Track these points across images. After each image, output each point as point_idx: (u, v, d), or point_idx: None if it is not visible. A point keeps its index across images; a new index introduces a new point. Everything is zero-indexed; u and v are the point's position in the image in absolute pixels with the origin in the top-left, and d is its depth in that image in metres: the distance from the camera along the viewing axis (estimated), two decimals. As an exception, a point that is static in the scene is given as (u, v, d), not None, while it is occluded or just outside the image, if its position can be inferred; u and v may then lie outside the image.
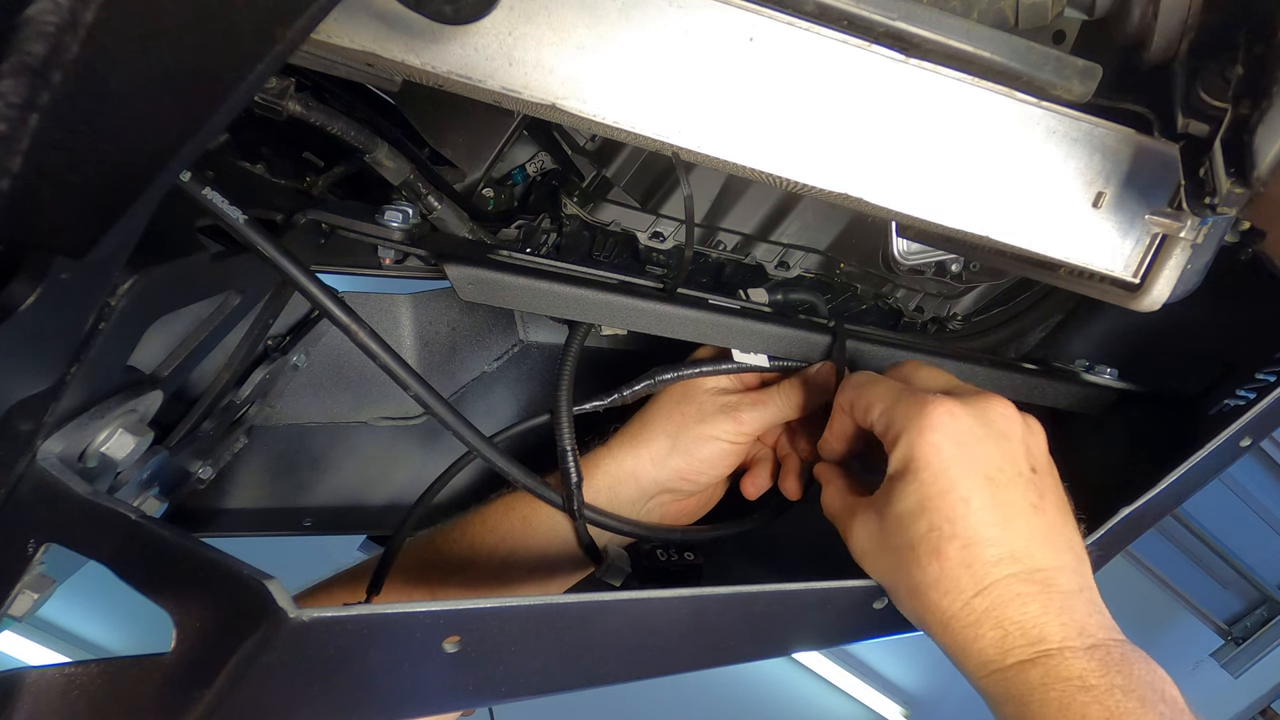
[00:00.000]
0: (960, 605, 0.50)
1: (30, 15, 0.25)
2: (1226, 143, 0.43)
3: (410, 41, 0.44)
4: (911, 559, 0.51)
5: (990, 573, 0.50)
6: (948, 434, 0.52)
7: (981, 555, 0.50)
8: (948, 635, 0.51)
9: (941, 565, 0.50)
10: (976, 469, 0.51)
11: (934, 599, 0.50)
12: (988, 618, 0.49)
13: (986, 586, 0.50)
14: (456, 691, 0.45)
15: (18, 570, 0.41)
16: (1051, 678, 0.47)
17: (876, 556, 0.54)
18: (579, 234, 0.74)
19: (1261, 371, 0.65)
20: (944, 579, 0.50)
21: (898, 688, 3.51)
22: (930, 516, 0.51)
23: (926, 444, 0.52)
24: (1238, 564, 3.03)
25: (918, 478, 0.52)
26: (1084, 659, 0.47)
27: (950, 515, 0.50)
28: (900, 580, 0.53)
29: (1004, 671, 0.49)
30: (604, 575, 0.68)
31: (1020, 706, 0.47)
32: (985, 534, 0.50)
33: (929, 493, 0.51)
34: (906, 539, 0.52)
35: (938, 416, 0.52)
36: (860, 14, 0.46)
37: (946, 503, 0.51)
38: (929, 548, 0.50)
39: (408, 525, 0.65)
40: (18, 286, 0.34)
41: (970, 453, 0.52)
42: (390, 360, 0.54)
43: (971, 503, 0.50)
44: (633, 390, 0.69)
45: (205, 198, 0.48)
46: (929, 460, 0.52)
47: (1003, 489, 0.51)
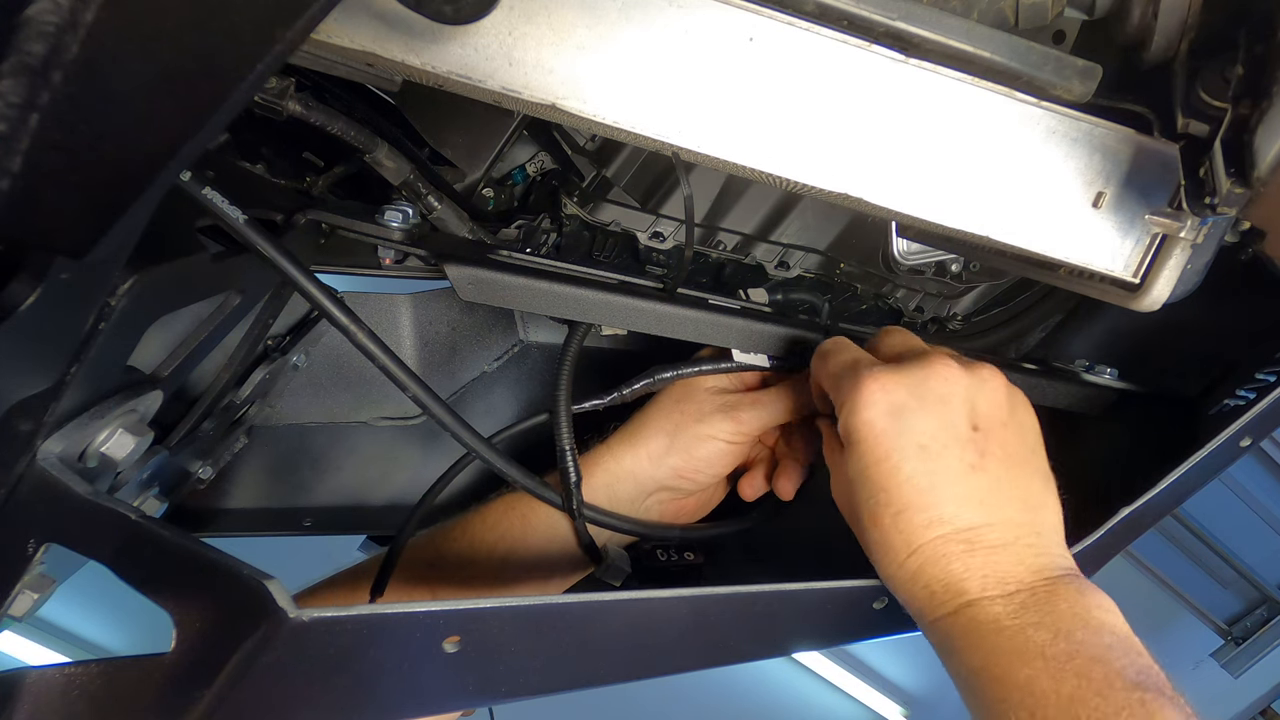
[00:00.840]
0: (896, 567, 0.54)
1: (30, 15, 0.25)
2: (1226, 143, 0.43)
3: (410, 41, 0.44)
4: (858, 523, 0.56)
5: (918, 536, 0.53)
6: (879, 409, 0.54)
7: (911, 520, 0.53)
8: (893, 589, 0.55)
9: (879, 530, 0.54)
10: (909, 439, 0.54)
11: (876, 558, 0.55)
12: (918, 577, 0.53)
13: (916, 549, 0.53)
14: (456, 691, 0.45)
15: (18, 570, 0.41)
16: (969, 625, 0.50)
17: (845, 511, 0.59)
18: (579, 234, 0.74)
19: (1261, 371, 0.65)
20: (882, 542, 0.54)
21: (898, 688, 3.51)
22: (868, 485, 0.54)
23: (860, 420, 0.55)
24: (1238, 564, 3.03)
25: (856, 450, 0.55)
26: (1000, 605, 0.50)
27: (884, 484, 0.54)
28: (859, 536, 0.57)
29: (934, 624, 0.53)
30: (604, 575, 0.68)
31: (946, 654, 0.52)
32: (914, 500, 0.53)
33: (865, 463, 0.54)
34: (853, 502, 0.56)
35: (870, 392, 0.55)
36: (860, 14, 0.46)
37: (880, 473, 0.54)
38: (869, 514, 0.54)
39: (410, 526, 0.65)
40: (18, 286, 0.34)
41: (902, 424, 0.54)
42: (389, 361, 0.54)
43: (902, 471, 0.53)
44: (632, 389, 0.69)
45: (205, 198, 0.48)
46: (863, 434, 0.55)
47: (935, 456, 0.54)
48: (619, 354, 0.84)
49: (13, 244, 0.34)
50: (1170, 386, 0.74)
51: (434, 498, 0.67)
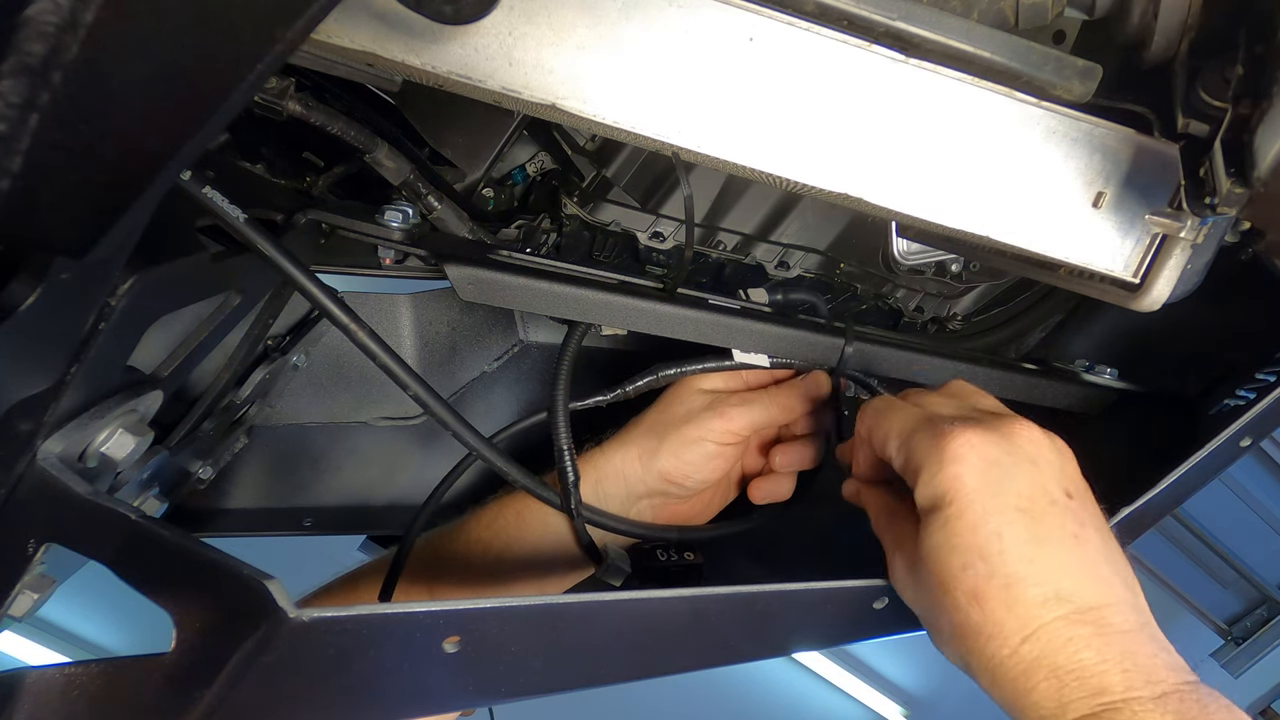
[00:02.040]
0: (1007, 653, 0.45)
1: (30, 15, 0.25)
2: (1226, 143, 0.43)
3: (410, 41, 0.44)
4: (949, 602, 0.47)
5: (1037, 615, 0.45)
6: (969, 465, 0.48)
7: (1024, 595, 0.45)
8: (996, 685, 0.46)
9: (982, 609, 0.46)
10: (1006, 501, 0.47)
11: (977, 645, 0.46)
12: (1039, 666, 0.45)
13: (1034, 631, 0.45)
14: (456, 691, 0.45)
15: (18, 570, 0.41)
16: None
17: (914, 594, 0.51)
18: (579, 234, 0.74)
19: (1261, 371, 0.65)
20: (986, 624, 0.46)
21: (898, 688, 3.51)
22: (963, 555, 0.47)
23: (948, 478, 0.48)
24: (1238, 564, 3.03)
25: (943, 514, 0.48)
26: (1155, 712, 0.42)
27: (984, 552, 0.46)
28: (940, 622, 0.49)
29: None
30: (604, 575, 0.68)
31: None
32: (1025, 571, 0.46)
33: (957, 529, 0.47)
34: (940, 579, 0.48)
35: (957, 448, 0.48)
36: (860, 14, 0.46)
37: (978, 539, 0.47)
38: (966, 590, 0.46)
39: (416, 527, 0.65)
40: (18, 286, 0.34)
41: (997, 484, 0.48)
42: (389, 360, 0.54)
43: (1005, 537, 0.46)
44: (635, 385, 0.69)
45: (205, 197, 0.48)
46: (953, 495, 0.48)
47: (1038, 520, 0.47)
48: (620, 354, 0.84)
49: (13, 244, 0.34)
50: (1170, 386, 0.74)
51: (439, 499, 0.67)
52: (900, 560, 0.52)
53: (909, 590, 0.51)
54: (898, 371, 0.70)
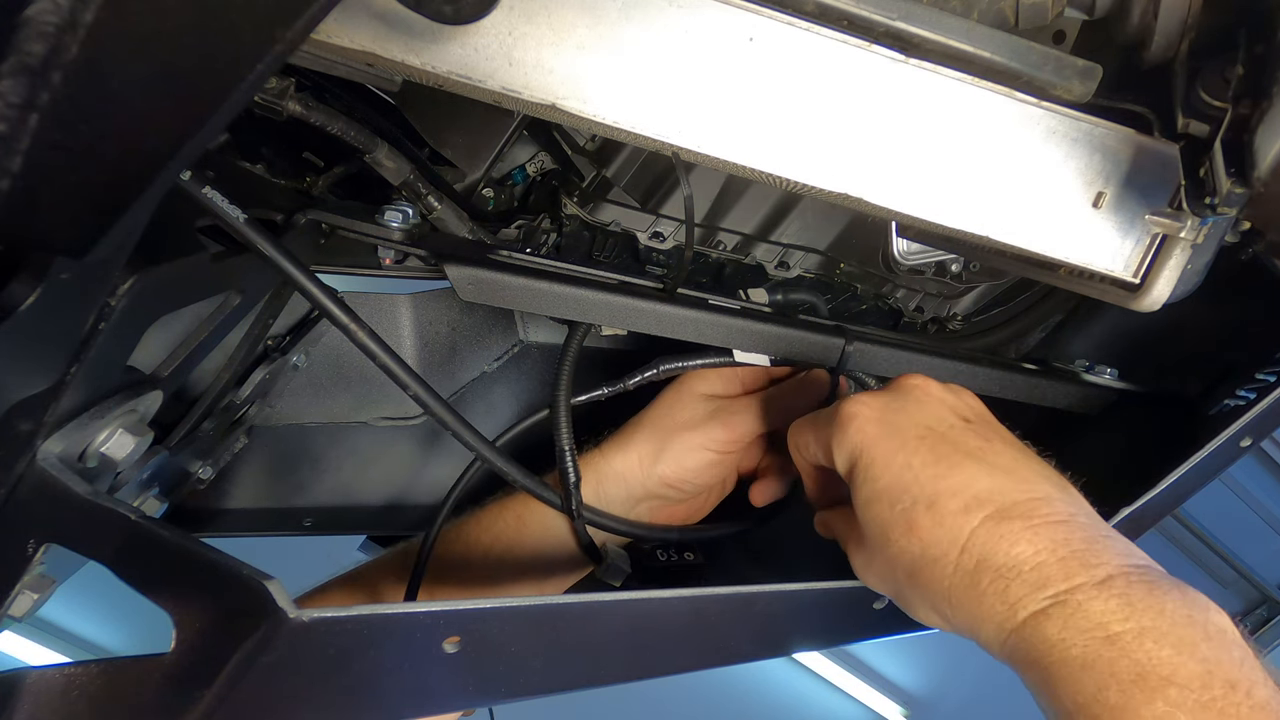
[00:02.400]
0: (950, 570, 0.44)
1: (30, 15, 0.25)
2: (1226, 143, 0.43)
3: (410, 41, 0.44)
4: (894, 550, 0.47)
5: (964, 523, 0.44)
6: (864, 418, 0.50)
7: (947, 508, 0.45)
8: (956, 612, 0.45)
9: (918, 537, 0.46)
10: (905, 435, 0.49)
11: (927, 576, 0.45)
12: (981, 572, 0.43)
13: (966, 539, 0.44)
14: (456, 691, 0.45)
15: (18, 570, 0.41)
16: (1070, 629, 0.40)
17: (876, 572, 0.51)
18: (579, 234, 0.74)
19: (1261, 371, 0.65)
20: (927, 549, 0.45)
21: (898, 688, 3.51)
22: (885, 496, 0.48)
23: (849, 436, 0.50)
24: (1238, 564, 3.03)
25: (859, 470, 0.50)
26: (1101, 599, 0.40)
27: (901, 483, 0.47)
28: (897, 577, 0.48)
29: (1019, 631, 0.41)
30: (604, 575, 0.68)
31: (1041, 671, 0.40)
32: (941, 487, 0.46)
33: (872, 474, 0.49)
34: (879, 530, 0.48)
35: (849, 409, 0.51)
36: (860, 14, 0.46)
37: (891, 475, 0.48)
38: (900, 527, 0.46)
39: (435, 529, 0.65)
40: (18, 286, 0.34)
41: (892, 424, 0.50)
42: (390, 361, 0.54)
43: (914, 465, 0.47)
44: (636, 380, 0.69)
45: (205, 197, 0.48)
46: (857, 445, 0.50)
47: (940, 441, 0.48)
48: (620, 353, 0.84)
49: (13, 244, 0.34)
50: (1170, 386, 0.74)
51: (454, 499, 0.67)
52: (854, 550, 0.53)
53: (870, 573, 0.52)
54: (898, 371, 0.70)
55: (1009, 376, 0.72)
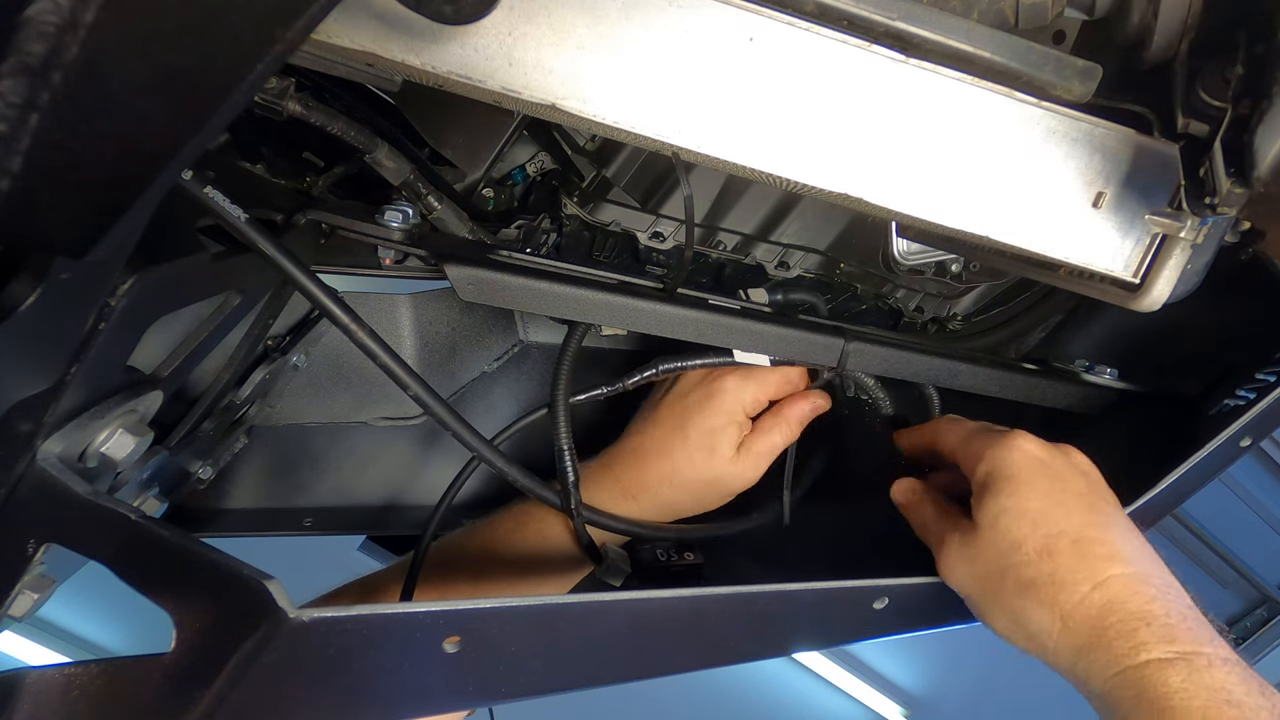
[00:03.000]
0: (1079, 599, 0.48)
1: (30, 15, 0.25)
2: (1226, 143, 0.43)
3: (410, 41, 0.44)
4: (1019, 559, 0.51)
5: (1105, 568, 0.49)
6: (1032, 450, 0.55)
7: (1093, 551, 0.50)
8: (1065, 634, 0.49)
9: (1054, 560, 0.50)
10: (1065, 479, 0.54)
11: (1049, 595, 0.49)
12: (1111, 611, 0.47)
13: (1104, 580, 0.49)
14: (456, 691, 0.45)
15: (18, 570, 0.41)
16: (1194, 684, 0.43)
17: (968, 568, 0.54)
18: (579, 234, 0.73)
19: (1261, 371, 0.65)
20: (1059, 572, 0.49)
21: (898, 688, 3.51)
22: (1033, 516, 0.52)
23: (1012, 452, 0.55)
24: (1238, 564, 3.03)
25: (1011, 482, 0.53)
26: (1223, 670, 0.44)
27: (1052, 516, 0.51)
28: (1003, 585, 0.51)
29: (1138, 670, 0.45)
30: (604, 575, 0.68)
31: (1158, 713, 0.44)
32: (1092, 534, 0.51)
33: (1025, 495, 0.52)
34: (1009, 542, 0.51)
35: (1020, 439, 0.56)
36: (860, 14, 0.46)
37: (1046, 505, 0.52)
38: (1037, 546, 0.51)
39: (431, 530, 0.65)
40: (18, 286, 0.34)
41: (1055, 466, 0.54)
42: (390, 361, 0.54)
43: (1069, 507, 0.52)
44: (635, 380, 0.69)
45: (206, 197, 0.48)
46: (1015, 463, 0.54)
47: (1095, 507, 0.53)
48: (620, 353, 0.84)
49: (13, 244, 0.34)
50: (1170, 386, 0.74)
51: (449, 502, 0.67)
52: (954, 542, 0.56)
53: (961, 566, 0.55)
54: (898, 371, 0.70)
55: (1009, 376, 0.72)
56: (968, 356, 0.72)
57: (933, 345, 0.74)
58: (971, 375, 0.71)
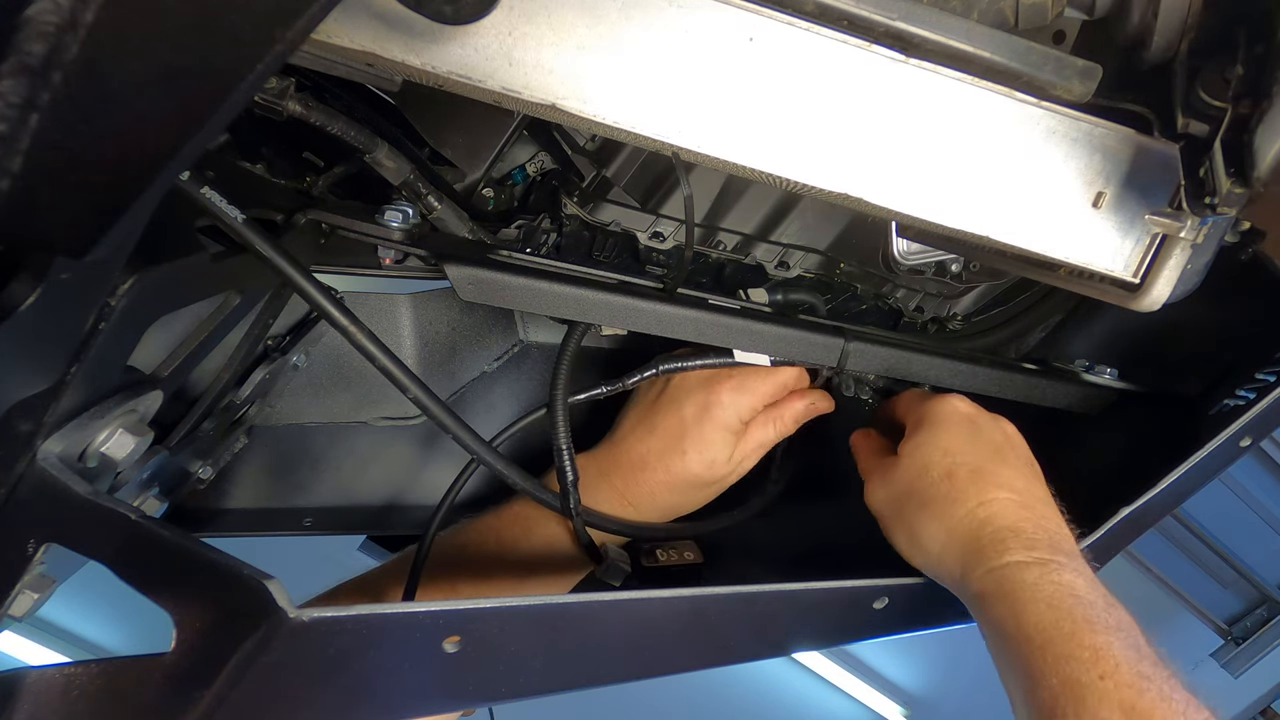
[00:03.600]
0: (964, 512, 0.57)
1: (30, 15, 0.25)
2: (1226, 143, 0.43)
3: (410, 41, 0.44)
4: (925, 481, 0.60)
5: (993, 492, 0.58)
6: (961, 408, 0.65)
7: (987, 478, 0.59)
8: (949, 543, 0.57)
9: (952, 482, 0.59)
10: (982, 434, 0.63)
11: (940, 510, 0.58)
12: (989, 523, 0.56)
13: (989, 499, 0.58)
14: (456, 691, 0.45)
15: (18, 570, 0.41)
16: (1045, 580, 0.52)
17: (885, 491, 0.63)
18: (579, 234, 0.73)
19: (1261, 371, 0.65)
20: (953, 491, 0.59)
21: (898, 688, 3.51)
22: (944, 448, 0.61)
23: (946, 407, 0.64)
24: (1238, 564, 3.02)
25: (933, 423, 0.63)
26: (1071, 573, 0.52)
27: (958, 448, 0.61)
28: (909, 503, 0.61)
29: (1001, 569, 0.53)
30: (604, 575, 0.68)
31: (1013, 602, 0.52)
32: (990, 467, 0.60)
33: (941, 431, 0.62)
34: (919, 466, 0.61)
35: (954, 397, 0.66)
36: (860, 14, 0.46)
37: (954, 440, 0.62)
38: (942, 470, 0.60)
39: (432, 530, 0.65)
40: (18, 286, 0.34)
41: (979, 425, 0.63)
42: (388, 362, 0.54)
43: (978, 445, 0.61)
44: (635, 380, 0.69)
45: (204, 197, 0.48)
46: (947, 416, 0.63)
47: (1004, 457, 0.62)
48: (620, 353, 0.84)
49: (13, 244, 0.34)
50: (1170, 386, 0.74)
51: (451, 501, 0.67)
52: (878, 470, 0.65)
53: (880, 490, 0.64)
54: (898, 371, 0.70)
55: (1009, 376, 0.72)
56: (968, 356, 0.72)
57: (933, 345, 0.74)
58: (971, 375, 0.71)
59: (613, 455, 0.71)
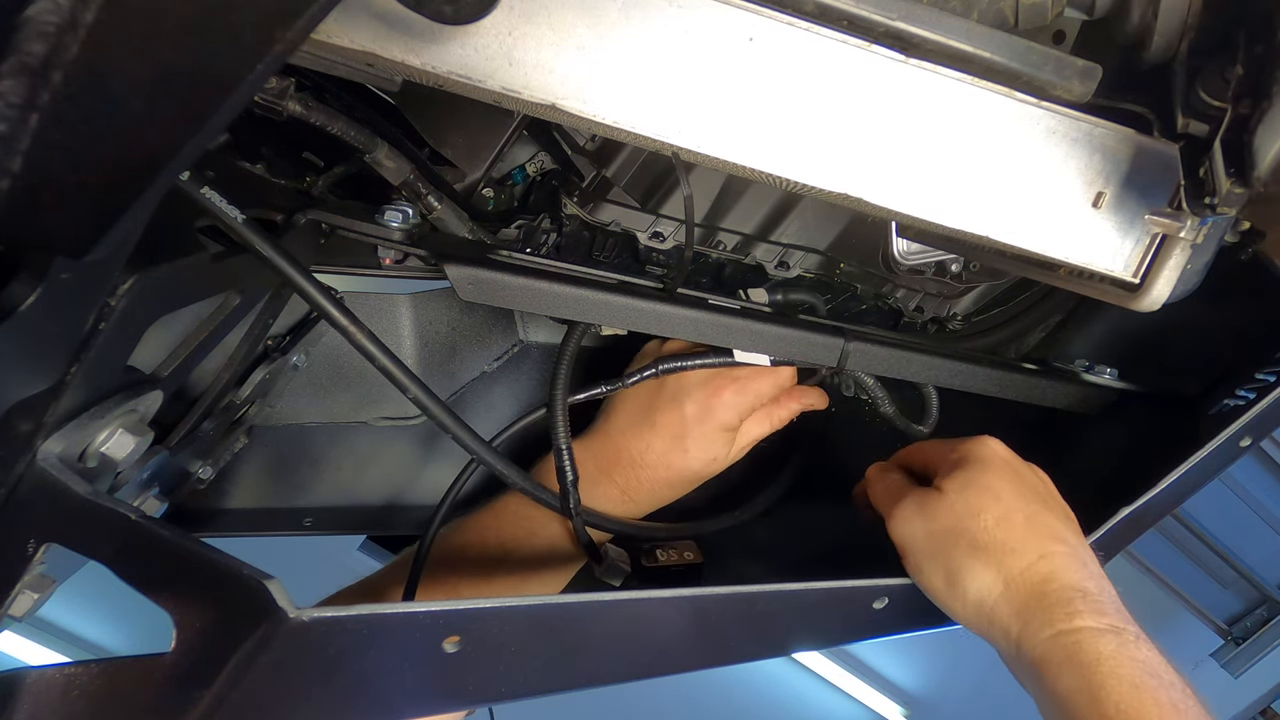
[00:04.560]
0: (1025, 565, 0.53)
1: (30, 15, 0.25)
2: (1226, 143, 0.43)
3: (410, 41, 0.44)
4: (977, 525, 0.56)
5: (1052, 545, 0.54)
6: (1002, 451, 0.61)
7: (1044, 528, 0.55)
8: (1006, 594, 0.53)
9: (1009, 529, 0.55)
10: (1024, 480, 0.59)
11: (997, 558, 0.54)
12: (1052, 579, 0.52)
13: (1049, 552, 0.54)
14: (456, 691, 0.45)
15: (18, 570, 0.41)
16: (1123, 654, 0.48)
17: (926, 524, 0.58)
18: (579, 234, 0.73)
19: (1261, 371, 0.65)
20: (1011, 539, 0.54)
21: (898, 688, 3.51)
22: (995, 492, 0.57)
23: (988, 449, 0.60)
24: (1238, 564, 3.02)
25: (982, 465, 0.59)
26: (1148, 647, 0.49)
27: (1012, 495, 0.57)
28: (955, 545, 0.56)
29: (1072, 634, 0.50)
30: (604, 575, 0.68)
31: (1088, 673, 0.48)
32: (1042, 517, 0.56)
33: (992, 477, 0.58)
34: (971, 508, 0.56)
35: (993, 440, 0.62)
36: (860, 14, 0.46)
37: (1009, 486, 0.57)
38: (996, 515, 0.55)
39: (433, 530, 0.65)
40: (18, 286, 0.34)
41: (1019, 470, 0.60)
42: (388, 362, 0.54)
43: (1025, 494, 0.57)
44: (635, 379, 0.69)
45: (204, 197, 0.48)
46: (992, 458, 0.59)
47: (1048, 505, 0.58)
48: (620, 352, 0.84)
49: (13, 244, 0.34)
50: (1170, 386, 0.74)
51: (451, 501, 0.67)
52: (912, 500, 0.60)
53: (916, 521, 0.59)
54: (898, 371, 0.70)
55: (1009, 376, 0.72)
56: (968, 356, 0.72)
57: (933, 345, 0.74)
58: (971, 375, 0.71)
59: (613, 451, 0.71)
